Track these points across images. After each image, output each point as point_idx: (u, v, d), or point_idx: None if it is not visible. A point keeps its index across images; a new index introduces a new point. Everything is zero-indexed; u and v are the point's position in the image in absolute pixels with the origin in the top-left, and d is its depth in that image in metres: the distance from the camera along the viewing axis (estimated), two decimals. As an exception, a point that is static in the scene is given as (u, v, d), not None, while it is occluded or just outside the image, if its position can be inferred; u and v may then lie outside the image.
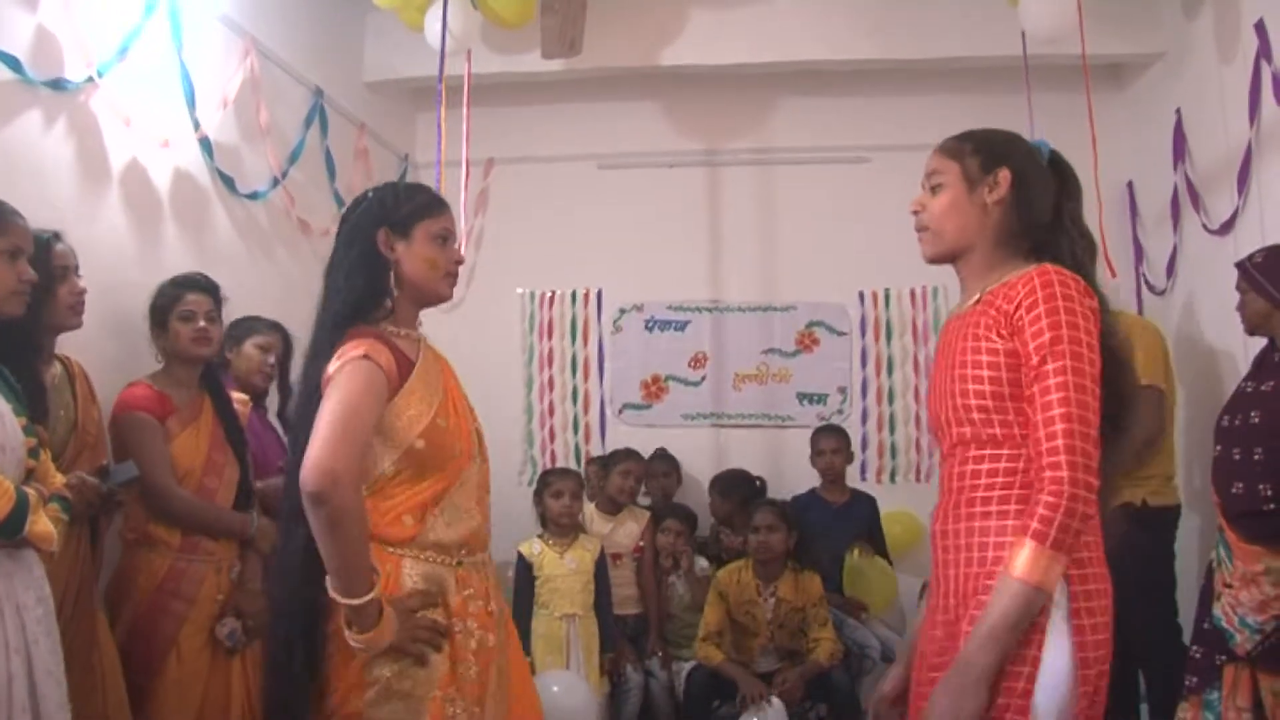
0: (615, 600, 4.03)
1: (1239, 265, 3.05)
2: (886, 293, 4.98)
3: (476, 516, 1.98)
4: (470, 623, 1.91)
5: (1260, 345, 3.05)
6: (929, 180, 1.84)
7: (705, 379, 5.07)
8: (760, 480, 4.53)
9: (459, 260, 2.07)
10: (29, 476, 1.96)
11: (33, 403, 2.13)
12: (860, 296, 5.00)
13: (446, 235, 2.03)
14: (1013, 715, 1.55)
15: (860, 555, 4.23)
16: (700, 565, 4.20)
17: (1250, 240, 3.58)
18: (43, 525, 1.89)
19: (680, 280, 5.08)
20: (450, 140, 3.81)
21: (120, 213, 3.00)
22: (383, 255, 1.97)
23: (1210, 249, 3.86)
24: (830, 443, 4.39)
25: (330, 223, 4.20)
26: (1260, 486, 2.66)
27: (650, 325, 5.12)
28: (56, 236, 2.43)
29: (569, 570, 3.83)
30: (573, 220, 5.10)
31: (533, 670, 3.57)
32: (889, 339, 4.97)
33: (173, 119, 3.23)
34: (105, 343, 2.76)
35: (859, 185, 4.96)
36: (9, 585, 1.84)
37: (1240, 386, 2.95)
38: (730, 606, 3.90)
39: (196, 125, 3.32)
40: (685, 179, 5.11)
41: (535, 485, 4.13)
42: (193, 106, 3.29)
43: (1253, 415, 2.78)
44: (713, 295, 5.08)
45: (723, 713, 3.81)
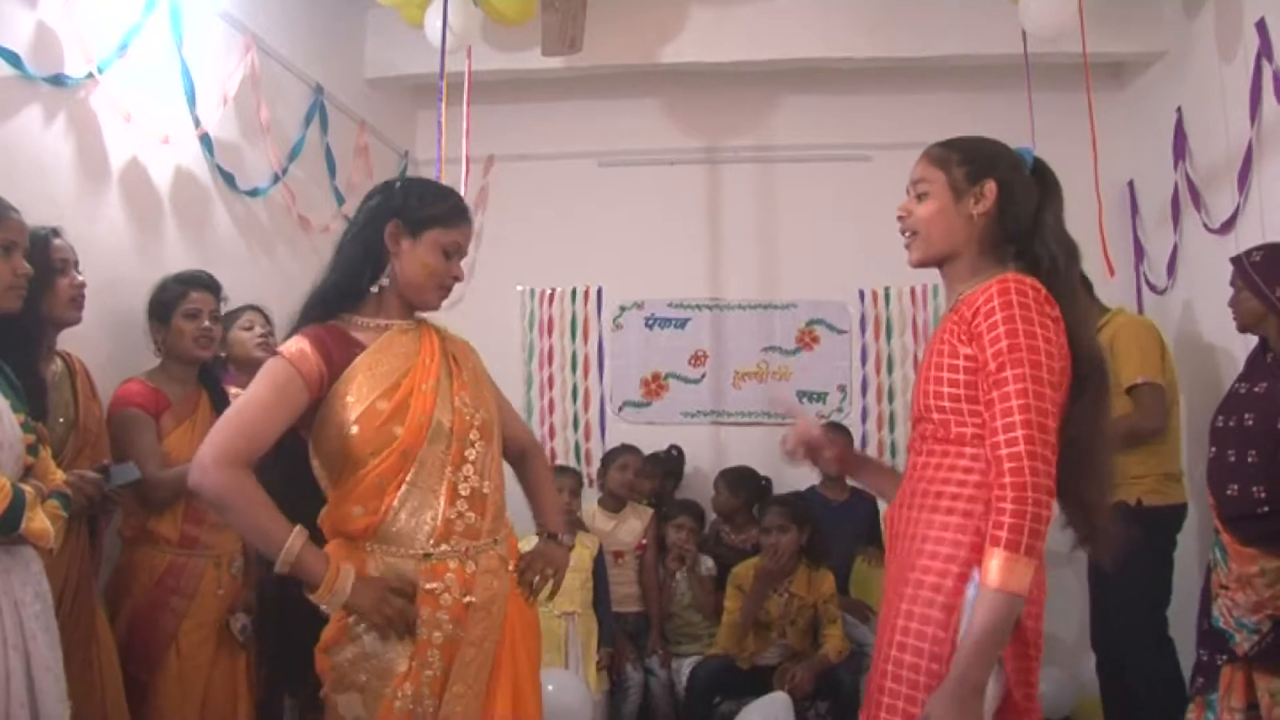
0: (616, 598, 4.04)
1: (1235, 260, 3.04)
2: (886, 291, 4.98)
3: (449, 501, 1.92)
4: (441, 614, 1.87)
5: (1255, 343, 3.04)
6: (915, 187, 1.89)
7: (705, 376, 5.07)
8: (766, 479, 4.54)
9: (458, 277, 2.06)
10: (27, 473, 1.96)
11: (32, 400, 2.13)
12: (860, 294, 5.00)
13: (455, 250, 2.03)
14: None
15: (868, 563, 4.23)
16: (706, 565, 4.20)
17: (1251, 239, 3.57)
18: (40, 522, 1.89)
19: (680, 278, 5.08)
20: (451, 137, 3.81)
21: (120, 209, 3.00)
22: (385, 245, 1.98)
23: (1211, 248, 3.86)
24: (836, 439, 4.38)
25: (330, 219, 4.21)
26: (1254, 489, 2.66)
27: (650, 323, 5.12)
28: (55, 232, 2.43)
29: (568, 567, 3.82)
30: (573, 217, 5.10)
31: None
32: (889, 337, 4.97)
33: (173, 116, 3.23)
34: (105, 339, 2.77)
35: (859, 183, 4.96)
36: (7, 581, 1.85)
37: (1233, 387, 2.94)
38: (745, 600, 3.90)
39: (197, 122, 3.32)
40: (685, 177, 5.10)
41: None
42: (193, 103, 3.29)
43: (1246, 417, 2.78)
44: (713, 293, 5.08)
45: (724, 709, 3.82)
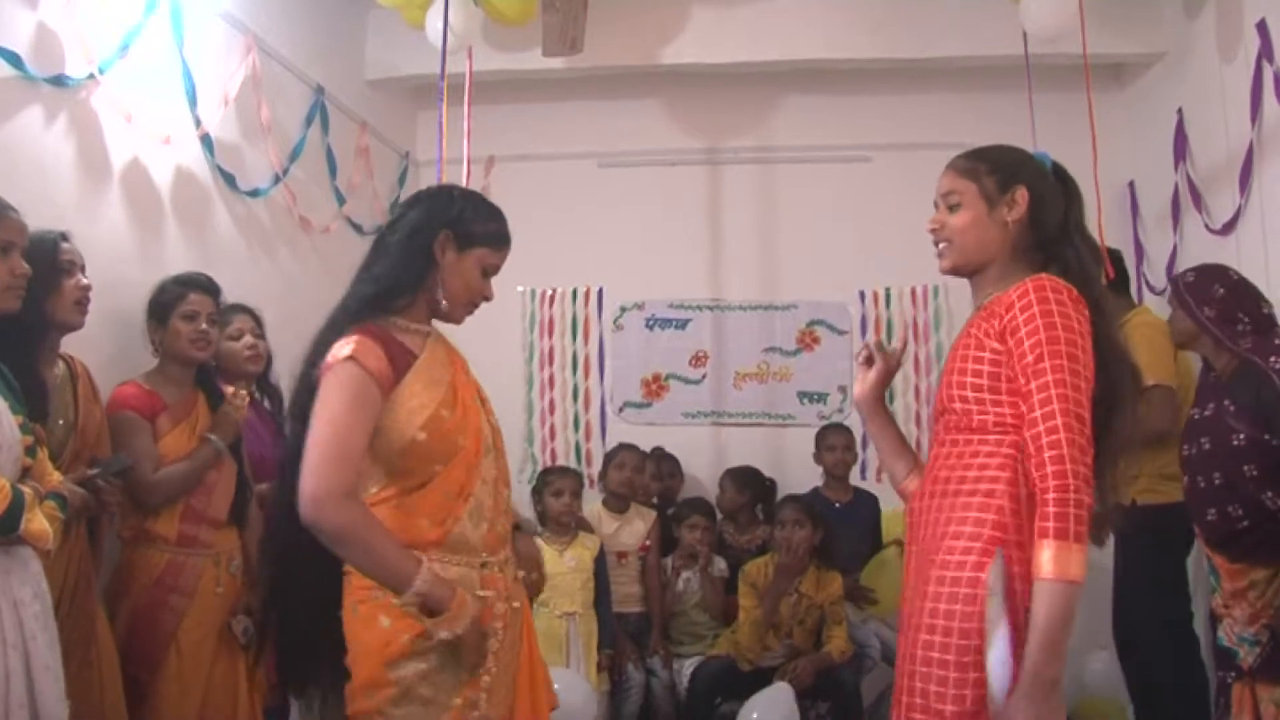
0: (618, 598, 4.03)
1: (1171, 280, 3.04)
2: (887, 292, 4.98)
3: (496, 515, 1.96)
4: (495, 623, 1.89)
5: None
6: (945, 200, 1.90)
7: (706, 377, 5.07)
8: (770, 480, 4.55)
9: (488, 297, 2.10)
10: (25, 474, 1.96)
11: (34, 402, 2.14)
12: (861, 295, 5.00)
13: (492, 271, 2.08)
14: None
15: (896, 552, 4.20)
16: (719, 565, 4.20)
17: (1252, 240, 3.58)
18: (38, 523, 1.89)
19: (681, 278, 5.08)
20: (451, 138, 3.81)
21: (121, 210, 3.00)
22: (434, 255, 1.98)
23: (1212, 249, 3.86)
24: (841, 439, 4.39)
25: (331, 219, 4.21)
26: (1230, 509, 2.66)
27: (651, 323, 5.12)
28: (63, 236, 2.44)
29: (568, 568, 3.83)
30: (574, 218, 5.09)
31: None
32: (889, 338, 4.97)
33: (174, 116, 3.23)
34: (106, 340, 2.76)
35: (860, 184, 4.97)
36: (6, 582, 1.85)
37: (1191, 414, 2.91)
38: (759, 598, 3.89)
39: (198, 122, 3.32)
40: (686, 177, 5.11)
41: (535, 483, 4.13)
42: (194, 104, 3.29)
43: (1203, 442, 2.78)
44: (713, 294, 5.08)
45: (725, 710, 3.82)
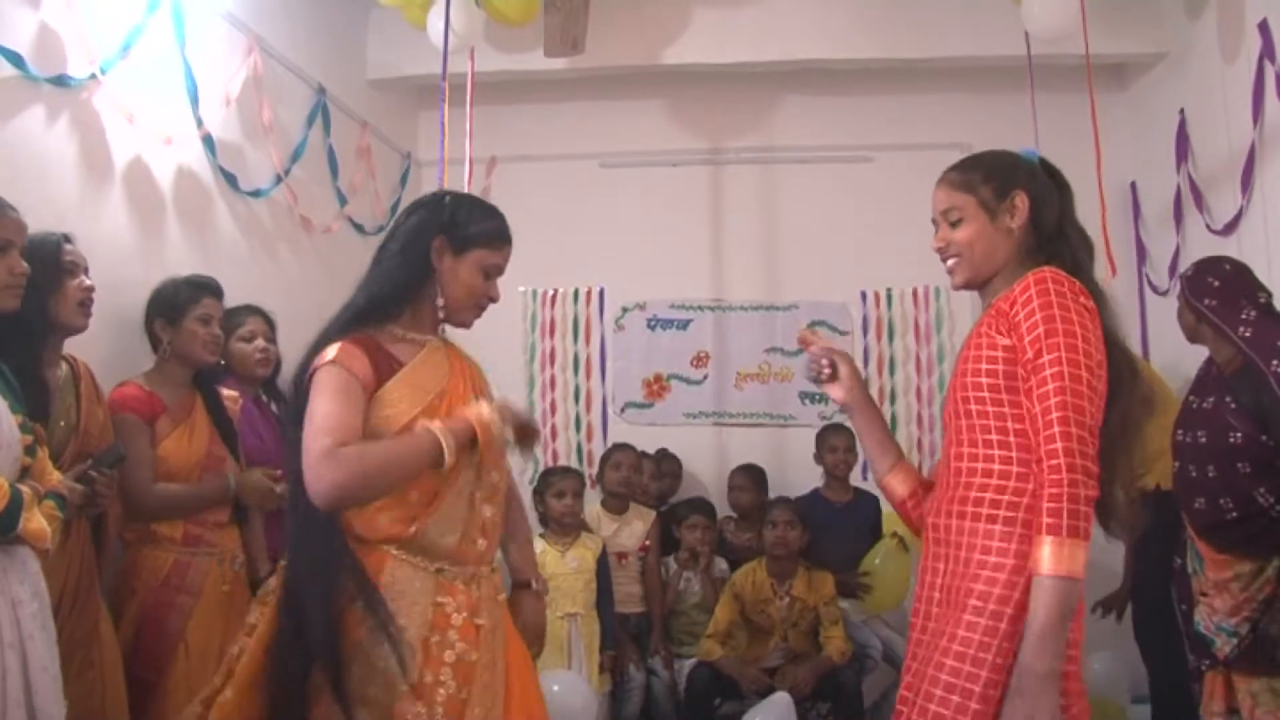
0: (619, 598, 4.04)
1: (1180, 281, 3.05)
2: (889, 292, 4.98)
3: (467, 528, 1.93)
4: (451, 634, 1.87)
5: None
6: (945, 216, 1.89)
7: (707, 378, 5.07)
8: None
9: (494, 298, 2.10)
10: (24, 474, 1.95)
11: (33, 401, 2.13)
12: (862, 296, 5.00)
13: (495, 271, 2.07)
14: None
15: (896, 544, 4.19)
16: (720, 566, 4.20)
17: (1254, 241, 3.58)
18: (37, 523, 1.89)
19: (683, 279, 5.08)
20: (453, 138, 3.81)
21: (123, 210, 3.00)
22: (430, 260, 1.98)
23: (1214, 249, 3.83)
24: (843, 440, 4.39)
25: (332, 220, 4.21)
26: (1221, 500, 2.69)
27: (652, 324, 5.12)
28: (66, 237, 2.43)
29: (570, 569, 3.83)
30: (575, 219, 5.09)
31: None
32: (891, 339, 4.97)
33: (175, 116, 3.23)
34: (106, 341, 2.76)
35: (862, 184, 4.97)
36: (4, 581, 1.84)
37: (1187, 400, 2.95)
38: (745, 606, 3.92)
39: (199, 123, 3.32)
40: (688, 178, 5.11)
41: (536, 484, 4.13)
42: (195, 104, 3.29)
43: (1199, 434, 2.81)
44: (715, 294, 5.08)
45: (724, 711, 3.82)
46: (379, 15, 4.60)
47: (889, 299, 4.98)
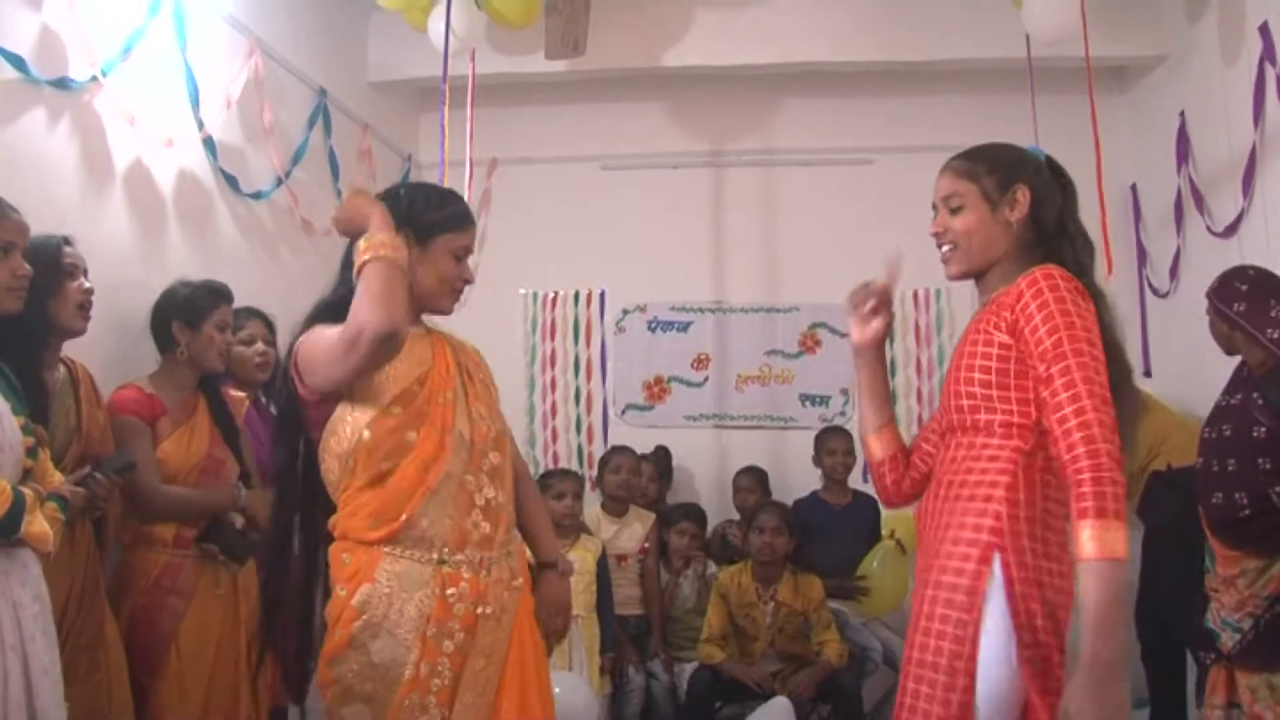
0: (619, 600, 4.03)
1: (1207, 295, 3.04)
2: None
3: (466, 512, 1.92)
4: (452, 624, 1.87)
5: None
6: (946, 203, 1.90)
7: (708, 380, 5.07)
8: None
9: (468, 279, 2.08)
10: (26, 476, 1.96)
11: (35, 404, 2.13)
12: (863, 298, 4.99)
13: (464, 253, 2.05)
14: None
15: (894, 546, 4.19)
16: (712, 570, 4.20)
17: (1255, 243, 3.58)
18: (39, 525, 1.89)
19: (683, 281, 5.08)
20: (454, 140, 3.81)
21: (124, 212, 3.00)
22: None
23: (1214, 251, 3.85)
24: (841, 443, 4.39)
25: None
26: (1237, 495, 2.72)
27: (653, 326, 5.12)
28: (66, 240, 2.43)
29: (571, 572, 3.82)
30: (576, 221, 5.10)
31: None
32: (891, 341, 4.86)
33: (177, 118, 3.23)
34: (108, 343, 2.76)
35: (862, 187, 4.97)
36: (6, 584, 1.84)
37: (1218, 400, 2.98)
38: (731, 608, 3.91)
39: (200, 125, 3.33)
40: (688, 180, 5.11)
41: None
42: (197, 106, 3.30)
43: (1224, 428, 2.85)
44: (715, 296, 5.08)
45: (725, 714, 3.81)
46: (380, 17, 4.60)
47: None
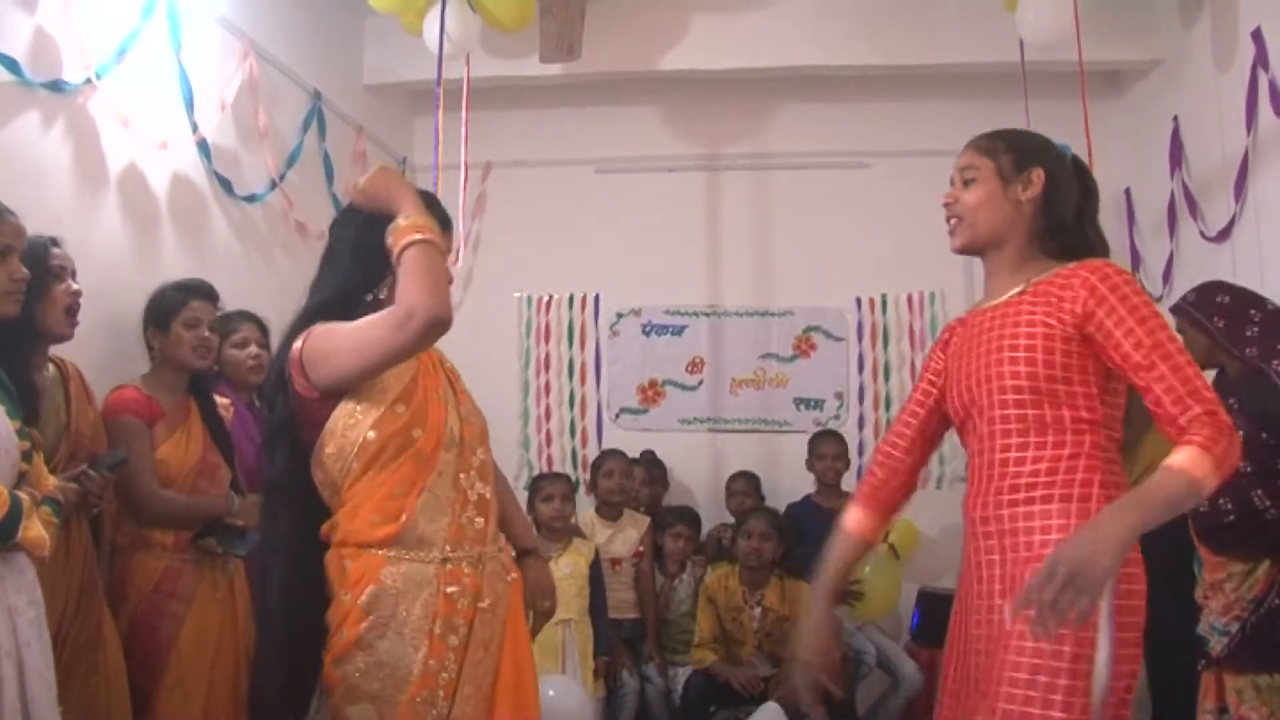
0: (613, 604, 4.03)
1: (1174, 309, 3.03)
2: (884, 298, 4.98)
3: (461, 508, 1.94)
4: (456, 619, 1.89)
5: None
6: (961, 174, 1.91)
7: (702, 384, 5.07)
8: None
9: (450, 278, 2.10)
10: (21, 480, 1.95)
11: (26, 406, 2.13)
12: (858, 302, 5.00)
13: (448, 250, 2.06)
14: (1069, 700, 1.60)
15: (887, 551, 4.20)
16: (708, 573, 4.20)
17: (1248, 248, 3.59)
18: (36, 531, 1.88)
19: (678, 285, 5.08)
20: (448, 144, 3.81)
21: (118, 215, 2.99)
22: (387, 254, 1.98)
23: (1207, 256, 3.87)
24: (832, 447, 4.40)
25: (327, 226, 4.20)
26: (1221, 500, 2.71)
27: (647, 329, 5.12)
28: (54, 241, 2.42)
29: (563, 575, 3.81)
30: (570, 224, 5.10)
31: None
32: (886, 344, 4.97)
33: (171, 121, 3.23)
34: (100, 345, 2.76)
35: (857, 191, 4.97)
36: (1, 588, 1.84)
37: None
38: (719, 611, 3.91)
39: (194, 127, 3.32)
40: (683, 184, 5.11)
41: (526, 490, 4.12)
42: (191, 109, 3.29)
43: None
44: (710, 300, 5.08)
45: (720, 717, 3.81)
46: (375, 21, 4.60)
47: (884, 305, 4.98)
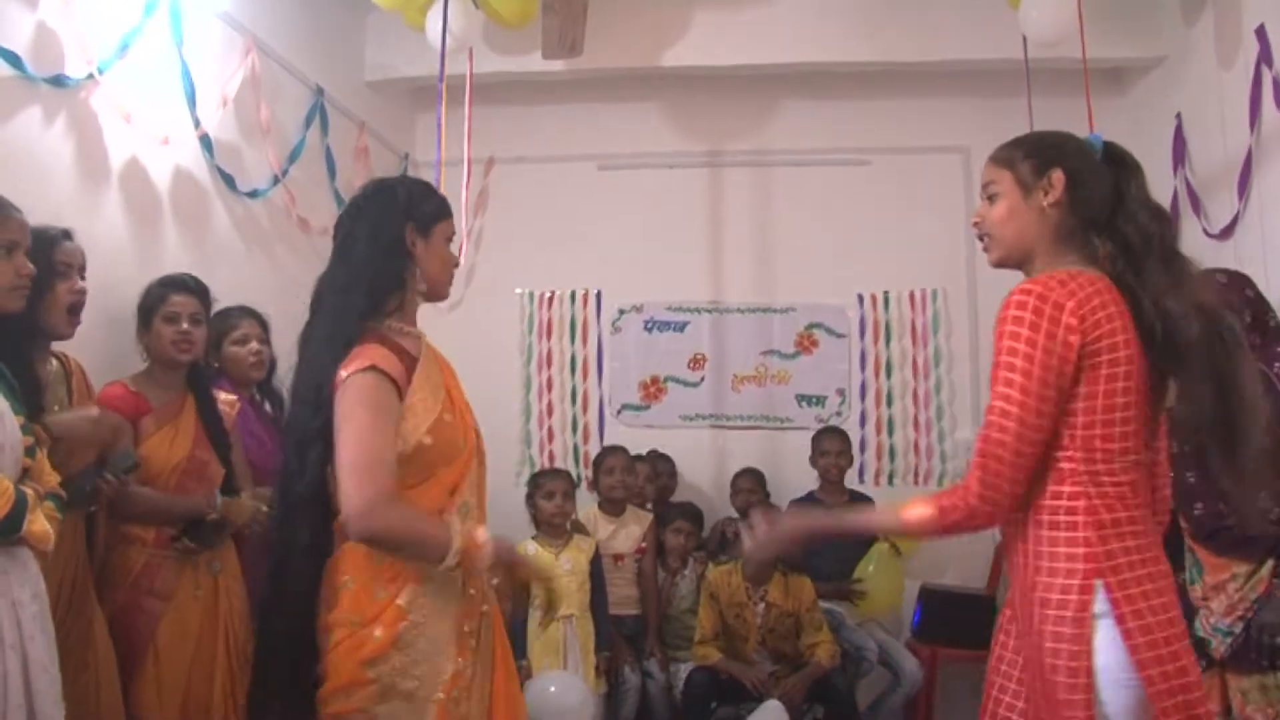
0: (615, 600, 4.04)
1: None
2: (885, 295, 4.97)
3: (480, 515, 2.02)
4: (475, 621, 1.95)
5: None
6: (985, 191, 1.89)
7: (704, 380, 5.07)
8: None
9: (457, 263, 2.16)
10: (25, 475, 1.95)
11: (28, 400, 2.13)
12: (859, 299, 5.00)
13: (452, 237, 2.12)
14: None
15: (889, 549, 4.21)
16: (710, 569, 4.20)
17: (1251, 245, 3.58)
18: (40, 525, 1.88)
19: (680, 281, 5.08)
20: (451, 140, 3.81)
21: (120, 210, 3.00)
22: (409, 250, 2.00)
23: (1210, 253, 3.85)
24: (835, 444, 4.40)
25: (330, 221, 4.17)
26: (1220, 505, 2.72)
27: (649, 326, 5.12)
28: (66, 234, 2.42)
29: (564, 571, 3.82)
30: (573, 220, 5.10)
31: (530, 673, 3.58)
32: (888, 341, 4.97)
33: (173, 117, 3.23)
34: (103, 340, 2.76)
35: (859, 187, 4.97)
36: (5, 582, 1.84)
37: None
38: (721, 608, 3.91)
39: (197, 123, 3.32)
40: (685, 180, 5.10)
41: (527, 487, 4.12)
42: (193, 104, 3.29)
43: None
44: (712, 296, 5.08)
45: (721, 714, 3.82)
46: (377, 16, 4.59)
47: (886, 302, 4.98)
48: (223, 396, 2.88)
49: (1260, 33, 3.47)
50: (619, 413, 5.08)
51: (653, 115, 5.10)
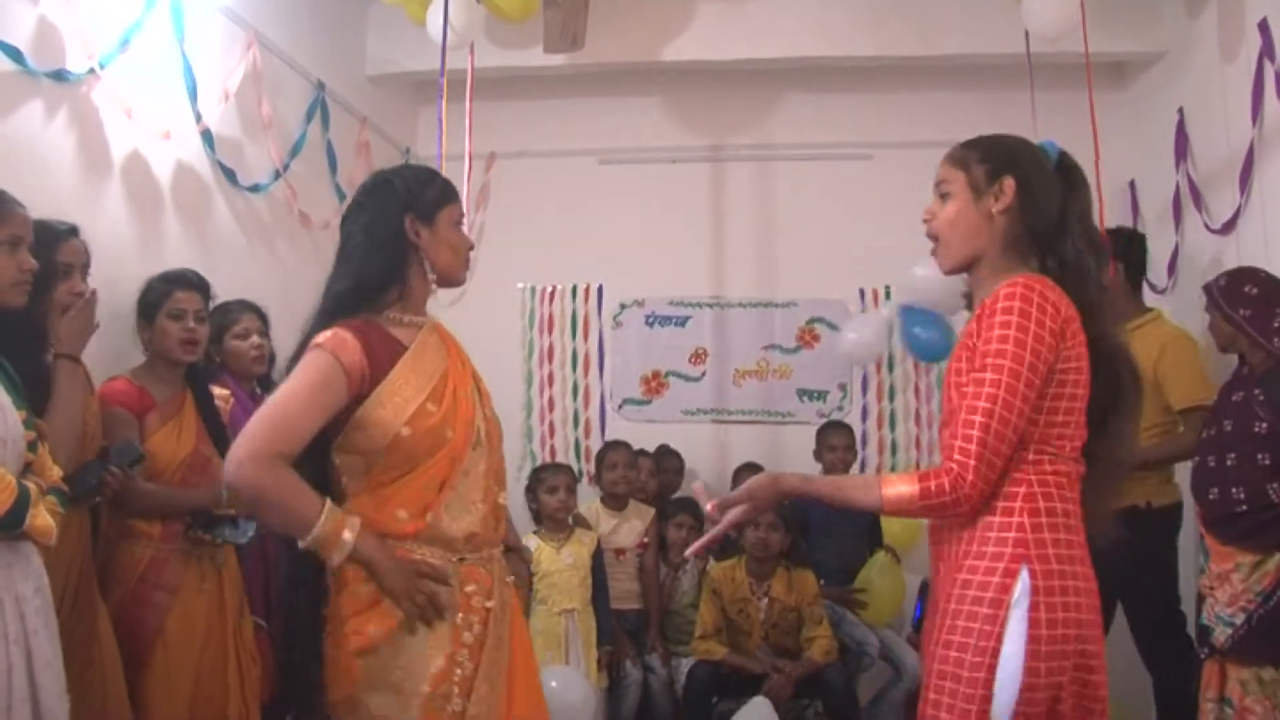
0: (617, 595, 4.04)
1: (1205, 288, 3.09)
2: (887, 290, 4.96)
3: (482, 510, 1.97)
4: (472, 617, 1.92)
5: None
6: (938, 188, 1.89)
7: (706, 375, 5.07)
8: None
9: (471, 245, 2.12)
10: (27, 470, 1.95)
11: (31, 396, 2.13)
12: (861, 293, 5.00)
13: (461, 219, 2.08)
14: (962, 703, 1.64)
15: (885, 560, 4.21)
16: (712, 564, 4.20)
17: (1253, 240, 3.58)
18: (42, 519, 1.89)
19: (681, 276, 5.08)
20: (452, 134, 3.80)
21: (121, 205, 3.00)
22: (410, 241, 1.99)
23: (1212, 248, 3.86)
24: (841, 439, 4.39)
25: (331, 215, 4.20)
26: (1233, 490, 2.76)
27: (651, 321, 5.12)
28: (73, 231, 2.41)
29: (566, 565, 3.83)
30: (574, 215, 5.09)
31: (531, 666, 3.58)
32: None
33: (174, 111, 3.23)
34: (103, 334, 2.73)
35: (861, 182, 4.96)
36: (8, 576, 1.85)
37: (1219, 397, 3.02)
38: (724, 603, 3.91)
39: (198, 117, 3.32)
40: (687, 175, 5.10)
41: (528, 482, 4.12)
42: (194, 99, 3.29)
43: (1225, 424, 2.88)
44: (714, 291, 5.08)
45: (722, 709, 3.82)
46: (378, 11, 4.59)
47: (887, 296, 4.97)
48: (217, 391, 2.87)
49: (1263, 27, 3.46)
50: (620, 407, 5.09)
51: (654, 109, 5.09)
